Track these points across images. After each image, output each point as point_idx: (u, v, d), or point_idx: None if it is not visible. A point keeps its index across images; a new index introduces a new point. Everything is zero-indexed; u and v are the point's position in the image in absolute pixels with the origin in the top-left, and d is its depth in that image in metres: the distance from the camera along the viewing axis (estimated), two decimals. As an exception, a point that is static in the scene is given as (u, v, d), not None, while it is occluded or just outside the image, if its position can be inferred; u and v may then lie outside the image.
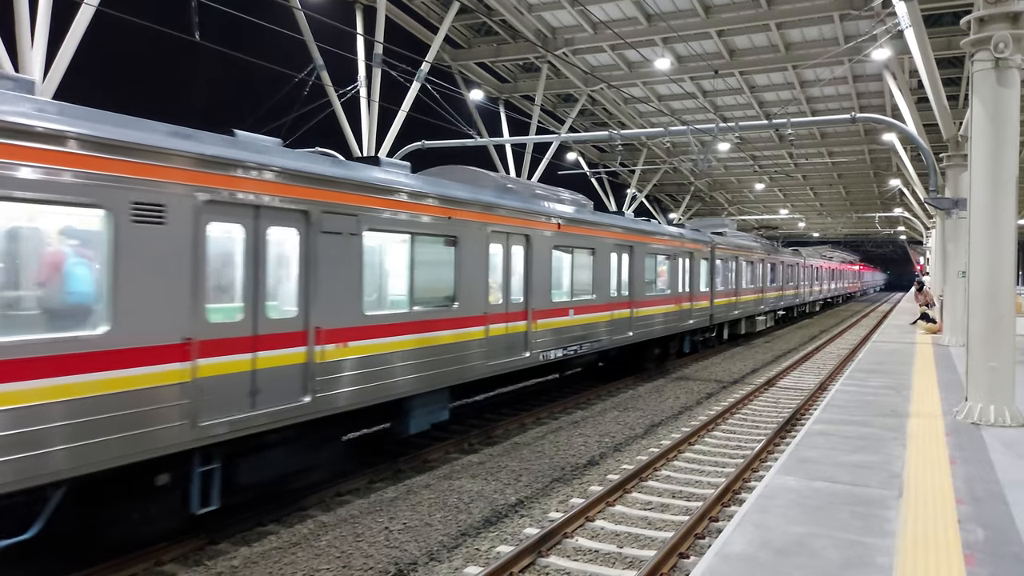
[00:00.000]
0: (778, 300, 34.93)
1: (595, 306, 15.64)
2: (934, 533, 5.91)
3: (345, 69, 20.06)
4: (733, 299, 26.32)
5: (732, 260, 26.09)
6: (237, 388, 7.35)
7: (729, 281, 25.75)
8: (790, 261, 38.23)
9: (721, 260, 24.76)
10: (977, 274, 9.84)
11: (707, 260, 23.34)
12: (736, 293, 26.59)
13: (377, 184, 9.29)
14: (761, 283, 30.95)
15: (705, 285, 23.02)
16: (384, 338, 9.34)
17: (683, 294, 20.99)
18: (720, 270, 24.71)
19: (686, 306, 21.23)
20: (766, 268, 32.05)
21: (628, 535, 8.13)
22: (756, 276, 30.03)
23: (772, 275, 33.33)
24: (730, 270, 25.92)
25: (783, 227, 68.43)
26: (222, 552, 7.56)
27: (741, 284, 27.32)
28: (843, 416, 10.41)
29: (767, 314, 32.47)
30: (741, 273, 27.30)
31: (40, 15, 11.07)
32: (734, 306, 26.52)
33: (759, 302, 30.67)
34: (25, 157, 5.71)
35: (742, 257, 27.47)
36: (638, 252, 18.14)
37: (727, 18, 21.34)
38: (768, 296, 32.50)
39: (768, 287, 32.37)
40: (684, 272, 21.25)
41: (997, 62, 9.54)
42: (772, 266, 33.54)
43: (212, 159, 7.11)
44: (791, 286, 38.43)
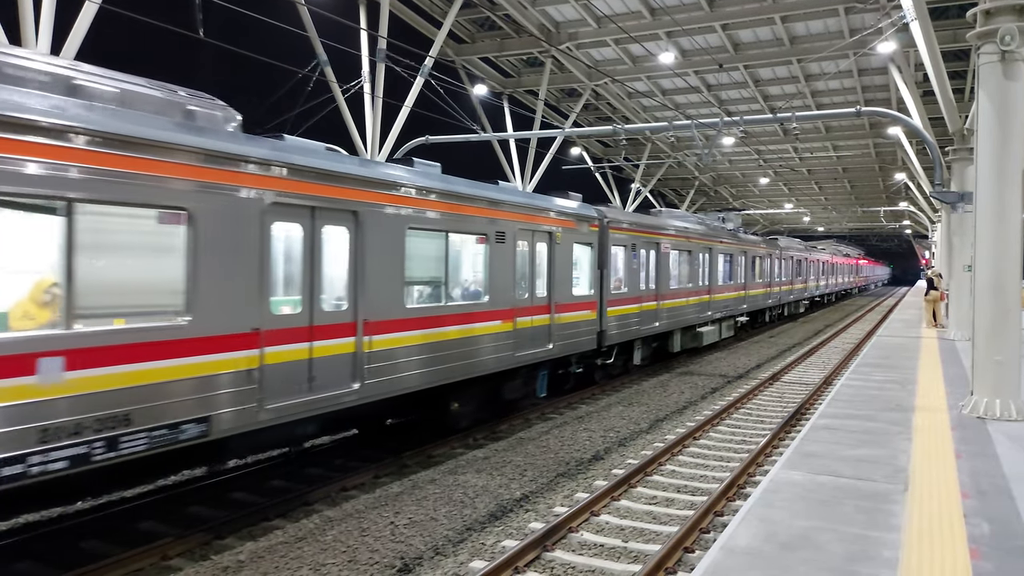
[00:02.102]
0: (738, 302, 27.16)
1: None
2: (939, 527, 5.90)
3: (349, 64, 20.06)
4: (651, 305, 18.60)
5: (646, 247, 18.45)
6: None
7: (641, 279, 18.13)
8: (759, 251, 30.79)
9: (622, 246, 17.13)
10: (983, 268, 9.80)
11: (590, 246, 15.61)
12: (657, 296, 18.97)
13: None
14: (707, 280, 23.25)
15: (588, 286, 15.55)
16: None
17: (519, 302, 12.55)
18: (619, 262, 17.17)
19: (521, 324, 12.57)
20: (716, 259, 24.37)
21: (633, 529, 8.14)
22: (697, 271, 22.43)
23: (729, 269, 26.38)
24: (642, 262, 18.31)
25: (788, 221, 68.33)
26: (228, 547, 7.59)
27: (667, 282, 19.73)
28: (848, 410, 10.39)
29: (721, 322, 24.85)
30: (666, 266, 19.77)
31: (44, 11, 11.09)
32: (653, 315, 18.70)
33: (703, 307, 22.75)
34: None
35: (667, 243, 19.73)
36: (371, 224, 9.34)
37: (731, 12, 21.27)
38: (721, 298, 24.66)
39: (720, 285, 24.77)
40: (525, 267, 12.95)
41: (1003, 55, 9.49)
42: (729, 257, 26.42)
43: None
44: (760, 283, 30.73)
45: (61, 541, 7.50)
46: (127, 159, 6.38)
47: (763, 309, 32.29)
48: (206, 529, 7.81)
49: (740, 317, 27.80)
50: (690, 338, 21.80)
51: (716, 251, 24.27)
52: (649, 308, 18.50)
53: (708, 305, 23.14)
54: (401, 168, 10.37)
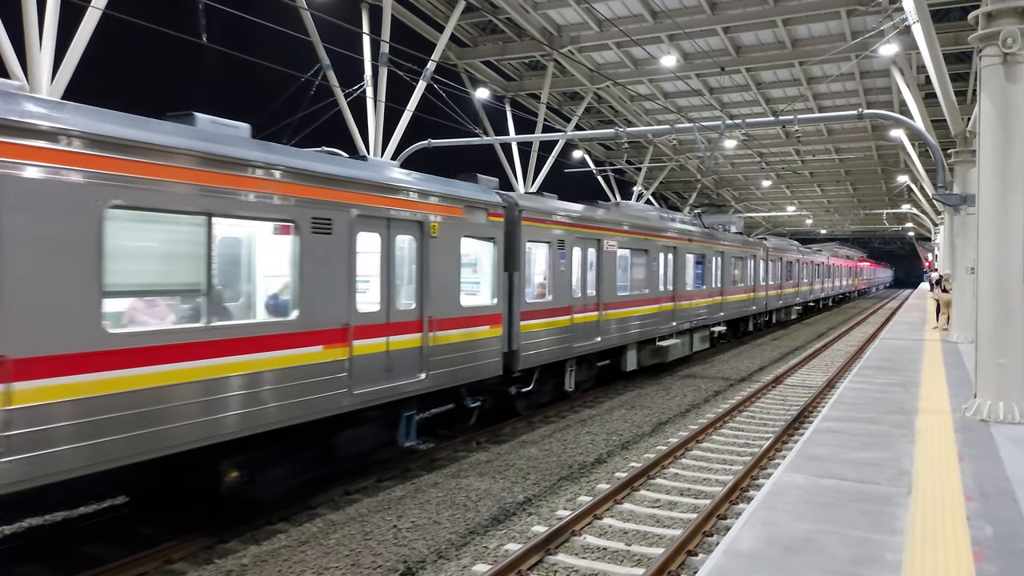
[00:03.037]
0: (714, 310, 23.39)
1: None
2: (943, 530, 5.89)
3: (351, 68, 20.10)
4: (590, 317, 14.93)
5: (582, 245, 14.72)
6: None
7: (575, 284, 14.43)
8: (741, 251, 26.81)
9: (544, 243, 13.43)
10: (986, 270, 9.80)
11: (492, 242, 11.93)
12: (600, 305, 15.37)
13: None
14: (671, 285, 19.61)
15: (489, 294, 11.93)
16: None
17: (361, 318, 9.17)
18: (540, 263, 13.57)
19: (366, 348, 9.18)
20: (683, 261, 20.54)
21: (636, 533, 8.13)
22: (657, 274, 18.71)
23: (701, 272, 22.52)
24: (577, 264, 14.52)
25: (790, 224, 68.27)
26: (232, 550, 7.60)
27: (614, 288, 16.11)
28: (851, 413, 10.38)
29: (692, 333, 21.31)
30: (612, 269, 16.00)
31: (48, 18, 11.13)
32: (593, 329, 15.08)
33: (666, 317, 19.16)
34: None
35: (612, 241, 16.00)
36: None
37: (733, 15, 21.28)
38: (690, 305, 21.07)
39: (690, 291, 21.15)
40: (375, 269, 9.58)
41: (1005, 57, 9.49)
42: (701, 258, 22.36)
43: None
44: (742, 288, 27.01)
45: (64, 545, 7.51)
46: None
47: (745, 317, 28.43)
48: (209, 533, 7.82)
49: (717, 327, 23.97)
50: (650, 354, 18.44)
51: (683, 251, 20.50)
52: (587, 320, 14.77)
53: (672, 314, 19.49)
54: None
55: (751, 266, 28.41)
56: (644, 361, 18.33)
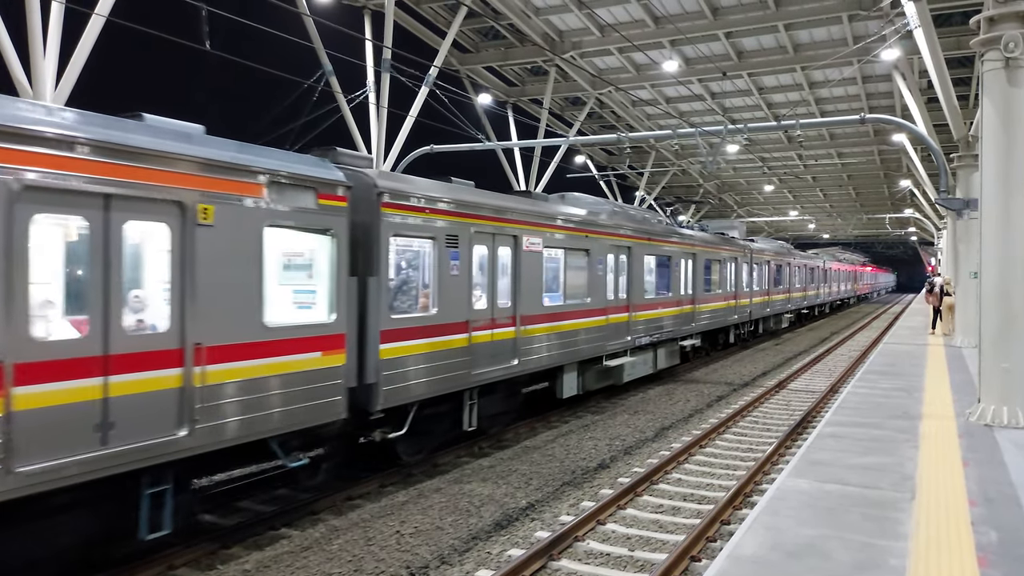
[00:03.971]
0: (683, 321, 20.06)
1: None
2: (947, 535, 5.87)
3: (354, 74, 20.16)
4: (504, 333, 11.98)
5: (488, 243, 11.72)
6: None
7: (476, 292, 11.42)
8: (718, 254, 23.41)
9: (425, 239, 10.37)
10: (989, 275, 9.78)
11: (329, 235, 8.71)
12: (518, 318, 12.32)
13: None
14: (624, 292, 16.45)
15: (327, 307, 8.71)
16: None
17: (41, 351, 5.83)
18: (420, 266, 10.56)
19: (53, 397, 5.85)
20: (640, 264, 17.30)
21: (639, 538, 8.12)
22: (603, 279, 15.45)
23: (667, 277, 19.31)
24: (479, 266, 11.59)
25: (793, 229, 68.24)
26: (234, 556, 7.59)
27: (538, 296, 12.97)
28: (855, 418, 10.36)
29: (655, 348, 18.21)
30: (536, 272, 12.93)
31: (52, 25, 11.18)
32: (508, 349, 12.06)
33: (617, 331, 15.92)
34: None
35: (535, 239, 12.89)
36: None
37: (735, 20, 21.32)
38: (651, 316, 17.81)
39: (651, 299, 18.03)
40: (81, 273, 6.46)
41: (1007, 62, 9.50)
42: (667, 261, 19.27)
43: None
44: (720, 295, 23.98)
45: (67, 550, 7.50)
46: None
47: (725, 328, 25.13)
48: (212, 538, 7.82)
49: (688, 340, 20.72)
50: (597, 375, 15.35)
51: (641, 252, 17.21)
52: (497, 338, 11.67)
53: (627, 327, 16.37)
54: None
55: (732, 270, 25.37)
56: (590, 384, 15.12)
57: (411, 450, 10.56)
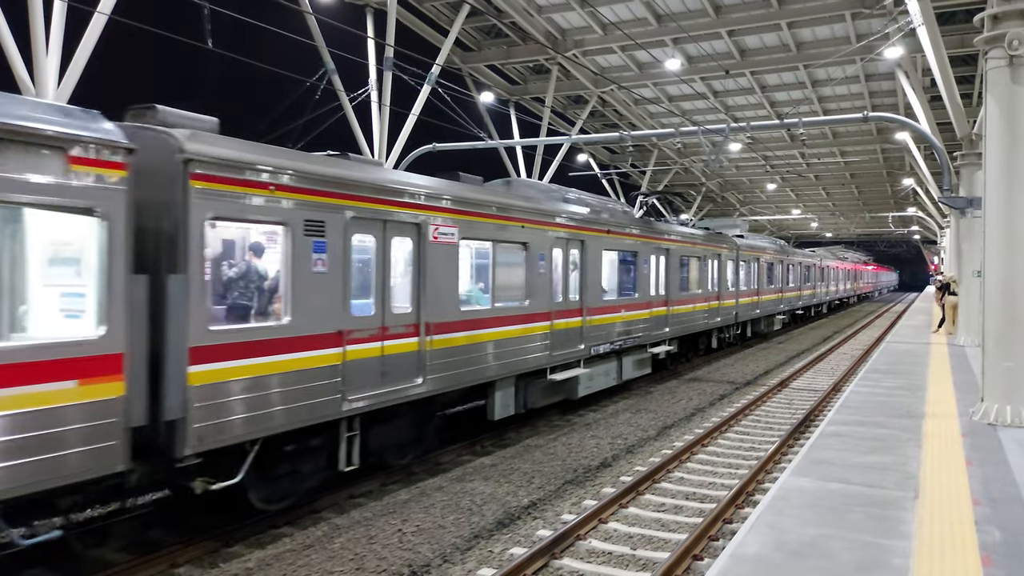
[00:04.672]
0: (653, 325, 17.83)
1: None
2: (950, 535, 5.86)
3: (356, 73, 20.16)
4: (403, 346, 9.67)
5: (379, 233, 9.32)
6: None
7: (349, 294, 8.80)
8: (695, 251, 21.03)
9: (276, 225, 7.91)
10: (992, 273, 9.76)
11: (88, 212, 6.09)
12: (422, 326, 9.97)
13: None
14: (576, 293, 14.28)
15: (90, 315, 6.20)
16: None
17: None
18: (236, 265, 7.76)
19: None
20: (595, 260, 14.92)
21: (641, 537, 8.11)
22: (542, 279, 12.96)
23: (633, 276, 17.05)
24: (356, 261, 9.09)
25: (795, 227, 68.18)
26: (236, 554, 7.60)
27: (453, 299, 10.66)
28: (857, 417, 10.34)
29: (620, 355, 16.12)
30: (451, 270, 10.64)
31: (54, 23, 11.19)
32: (410, 365, 9.75)
33: (567, 339, 13.74)
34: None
35: (449, 227, 10.59)
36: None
37: (737, 18, 21.29)
38: (608, 320, 15.50)
39: (610, 302, 15.67)
40: None
41: (1011, 59, 9.46)
42: (632, 257, 17.00)
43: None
44: (699, 296, 21.41)
45: (69, 549, 7.51)
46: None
47: (707, 331, 22.92)
48: (214, 537, 7.82)
49: (660, 346, 18.39)
50: (541, 392, 13.22)
51: (597, 247, 14.90)
52: (392, 352, 9.33)
53: (580, 334, 14.16)
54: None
55: (714, 268, 22.96)
56: (534, 401, 13.05)
57: (270, 497, 8.25)
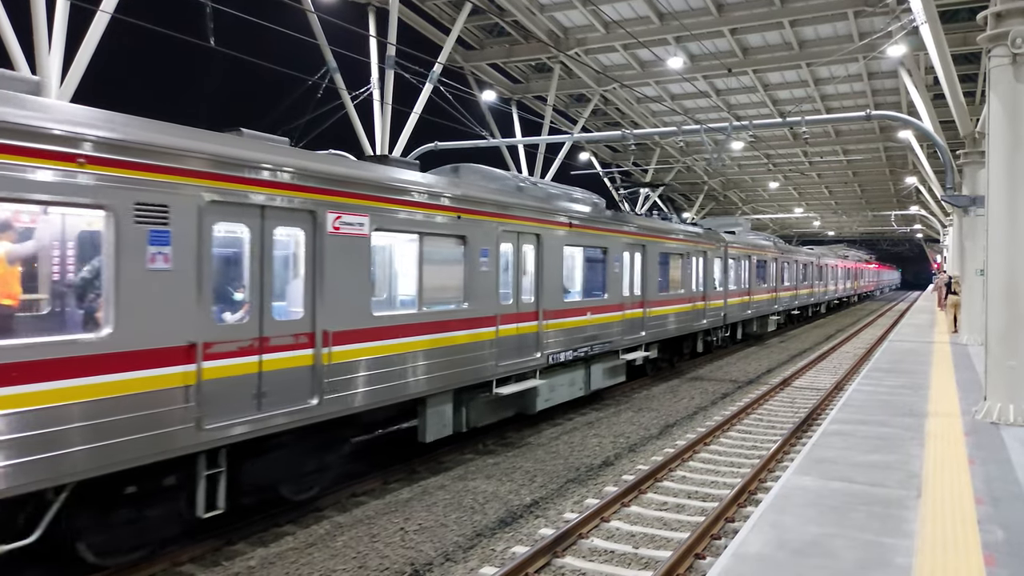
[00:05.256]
0: (627, 329, 16.12)
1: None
2: (953, 533, 5.85)
3: (358, 71, 20.17)
4: (279, 363, 7.80)
5: (198, 220, 6.94)
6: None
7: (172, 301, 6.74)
8: (673, 247, 19.20)
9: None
10: (995, 272, 9.74)
11: None
12: (319, 337, 8.25)
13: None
14: (533, 294, 12.74)
15: None
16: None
17: None
18: None
19: None
20: (552, 257, 13.13)
21: (644, 535, 8.11)
22: (486, 279, 11.36)
23: (601, 275, 15.30)
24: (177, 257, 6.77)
25: (798, 226, 68.09)
26: (239, 552, 7.61)
27: (345, 305, 8.61)
28: (860, 416, 10.33)
29: (587, 364, 14.66)
30: (355, 271, 8.82)
31: (57, 21, 11.20)
32: (307, 384, 8.09)
33: (517, 346, 12.12)
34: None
35: (357, 217, 8.82)
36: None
37: (740, 16, 21.26)
38: (577, 324, 13.99)
39: (576, 303, 14.05)
40: None
41: (1015, 58, 9.44)
42: (602, 253, 15.24)
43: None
44: (683, 296, 19.70)
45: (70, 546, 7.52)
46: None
47: (691, 334, 21.10)
48: (217, 535, 7.84)
49: (635, 352, 16.65)
50: (486, 408, 11.59)
51: (556, 242, 13.19)
52: (274, 368, 7.73)
53: (537, 340, 12.55)
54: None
55: (699, 267, 21.16)
56: (478, 418, 11.34)
57: (108, 548, 6.78)
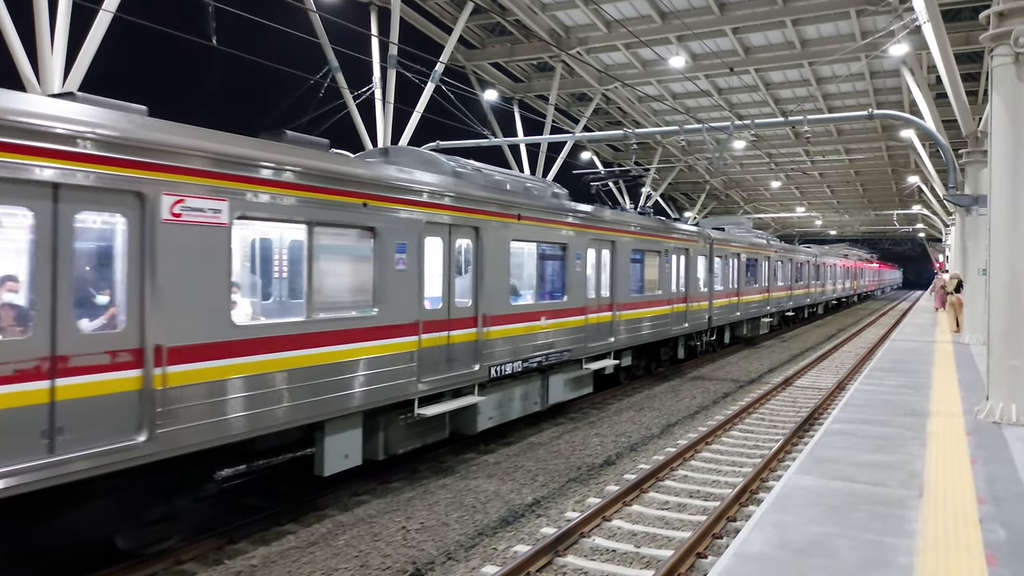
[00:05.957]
0: (593, 334, 14.50)
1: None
2: (955, 533, 5.84)
3: (360, 70, 20.17)
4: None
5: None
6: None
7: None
8: (649, 243, 17.50)
9: None
10: (998, 271, 9.73)
11: None
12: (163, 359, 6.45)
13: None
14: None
15: None
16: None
17: None
18: None
19: None
20: (496, 256, 11.36)
21: (645, 535, 8.11)
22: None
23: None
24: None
25: (800, 225, 68.02)
26: (241, 551, 7.62)
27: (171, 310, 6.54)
28: (862, 415, 10.32)
29: (543, 374, 13.06)
30: (193, 274, 6.79)
31: (59, 20, 11.21)
32: (127, 411, 6.21)
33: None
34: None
35: (210, 200, 6.94)
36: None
37: (742, 15, 21.23)
38: (528, 331, 12.23)
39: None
40: None
41: (1017, 57, 9.42)
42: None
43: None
44: (660, 298, 18.13)
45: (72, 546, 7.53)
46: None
47: (668, 340, 19.27)
48: (219, 534, 7.85)
49: (602, 361, 14.92)
50: (408, 431, 9.77)
51: (500, 236, 11.44)
52: (73, 396, 5.85)
53: (476, 351, 10.77)
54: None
55: (680, 265, 19.57)
56: (399, 443, 9.58)
57: None
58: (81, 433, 5.86)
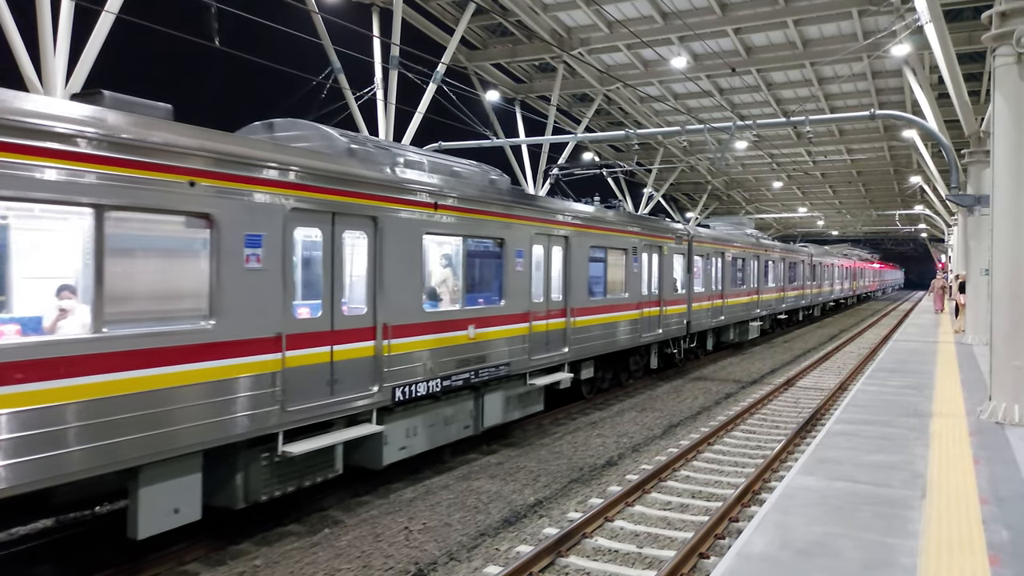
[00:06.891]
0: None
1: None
2: (958, 534, 5.84)
3: (362, 71, 20.19)
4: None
5: None
6: None
7: None
8: (589, 237, 14.37)
9: None
10: (1000, 271, 9.72)
11: None
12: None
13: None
14: (368, 299, 8.86)
15: None
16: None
17: None
18: None
19: None
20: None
21: (648, 535, 8.11)
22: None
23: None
24: None
25: (802, 225, 67.98)
26: (244, 552, 7.62)
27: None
28: (864, 416, 10.31)
29: (475, 393, 11.09)
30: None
31: (62, 21, 11.22)
32: None
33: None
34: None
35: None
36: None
37: (744, 15, 21.21)
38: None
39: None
40: None
41: (1019, 57, 9.42)
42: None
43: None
44: (627, 303, 16.10)
45: (77, 546, 7.55)
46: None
47: (636, 348, 17.34)
48: (221, 535, 7.85)
49: (556, 374, 13.08)
50: (272, 474, 7.82)
51: (401, 230, 9.32)
52: None
53: (374, 368, 8.83)
54: None
55: (651, 265, 17.66)
56: (259, 489, 7.67)
57: None
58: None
